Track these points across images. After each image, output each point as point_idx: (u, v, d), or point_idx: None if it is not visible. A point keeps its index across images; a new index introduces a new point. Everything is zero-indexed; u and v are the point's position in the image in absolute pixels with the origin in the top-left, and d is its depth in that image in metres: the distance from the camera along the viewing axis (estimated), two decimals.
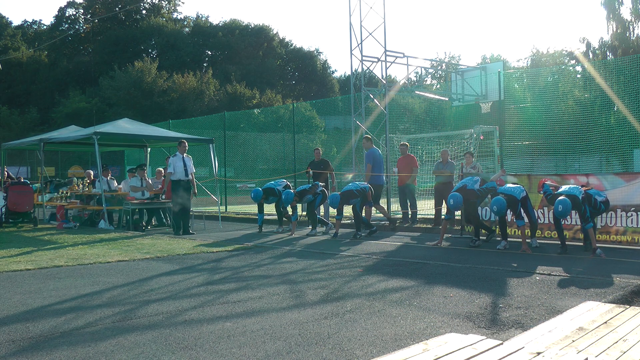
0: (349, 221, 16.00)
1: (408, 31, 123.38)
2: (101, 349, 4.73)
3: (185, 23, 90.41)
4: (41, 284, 7.68)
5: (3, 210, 17.02)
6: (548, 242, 11.58)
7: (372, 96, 18.51)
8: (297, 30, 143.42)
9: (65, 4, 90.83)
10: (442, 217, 13.42)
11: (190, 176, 14.93)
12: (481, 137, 17.64)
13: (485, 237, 12.14)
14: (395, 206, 17.59)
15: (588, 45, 41.50)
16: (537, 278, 7.68)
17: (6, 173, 23.99)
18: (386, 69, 18.25)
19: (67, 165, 37.75)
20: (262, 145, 27.09)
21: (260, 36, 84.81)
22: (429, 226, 15.16)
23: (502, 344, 4.03)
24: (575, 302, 6.00)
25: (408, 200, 16.20)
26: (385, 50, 18.01)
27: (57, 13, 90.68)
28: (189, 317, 5.76)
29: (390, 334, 5.08)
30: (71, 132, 20.02)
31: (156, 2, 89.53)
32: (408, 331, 5.17)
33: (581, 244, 10.82)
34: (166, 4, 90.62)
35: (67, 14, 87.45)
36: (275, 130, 27.99)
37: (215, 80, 66.85)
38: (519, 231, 11.20)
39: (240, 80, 68.88)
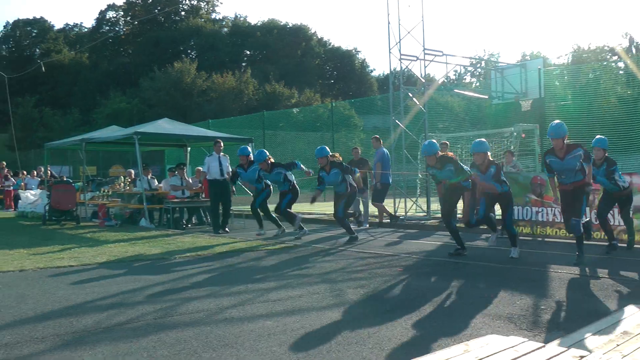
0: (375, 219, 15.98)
1: (447, 29, 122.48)
2: (143, 345, 4.77)
3: (224, 23, 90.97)
4: (84, 280, 7.79)
5: (47, 208, 17.30)
6: (593, 243, 11.35)
7: (410, 95, 18.39)
8: (335, 29, 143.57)
9: (106, 7, 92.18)
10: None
11: (226, 175, 14.96)
12: (522, 136, 17.42)
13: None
14: (436, 205, 17.45)
15: (631, 40, 40.86)
16: (580, 280, 7.55)
17: (49, 172, 24.43)
18: (425, 67, 18.13)
19: (109, 165, 38.21)
20: (301, 144, 27.12)
21: (298, 35, 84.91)
22: None
23: (544, 346, 3.97)
24: (619, 305, 5.89)
25: None
26: (424, 49, 17.88)
27: (97, 16, 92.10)
28: (230, 315, 5.78)
29: (431, 334, 5.04)
30: (112, 132, 20.26)
31: (195, 3, 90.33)
32: (448, 331, 5.12)
33: (625, 245, 10.58)
34: (205, 5, 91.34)
35: (107, 17, 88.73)
36: (314, 129, 28.04)
37: (254, 80, 67.06)
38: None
39: (278, 79, 69.01)
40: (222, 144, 15.56)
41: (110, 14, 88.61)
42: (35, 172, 27.37)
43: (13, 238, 13.16)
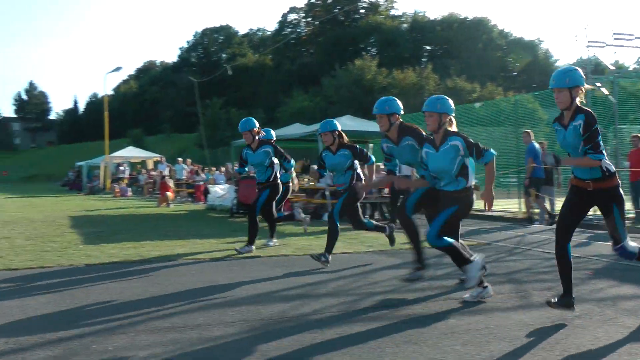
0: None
1: (638, 8, 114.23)
2: (327, 337, 4.86)
3: (403, 19, 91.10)
4: (270, 270, 8.08)
5: (234, 202, 18.14)
6: None
7: (599, 84, 17.35)
8: (516, 20, 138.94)
9: (288, 10, 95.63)
10: None
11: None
12: None
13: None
14: (628, 204, 16.37)
15: None
16: None
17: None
18: (614, 53, 17.04)
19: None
20: (483, 139, 26.33)
21: (478, 28, 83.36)
22: None
23: None
24: None
25: None
26: (613, 33, 16.78)
27: (280, 19, 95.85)
28: (412, 312, 5.75)
29: (621, 345, 4.70)
30: (296, 129, 20.87)
31: (374, 0, 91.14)
32: None
33: None
34: (384, 2, 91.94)
35: (289, 19, 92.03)
36: (497, 124, 27.11)
37: (434, 75, 66.58)
38: None
39: (459, 74, 68.02)
40: None
41: (292, 17, 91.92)
42: (223, 169, 28.87)
43: (203, 229, 13.94)
